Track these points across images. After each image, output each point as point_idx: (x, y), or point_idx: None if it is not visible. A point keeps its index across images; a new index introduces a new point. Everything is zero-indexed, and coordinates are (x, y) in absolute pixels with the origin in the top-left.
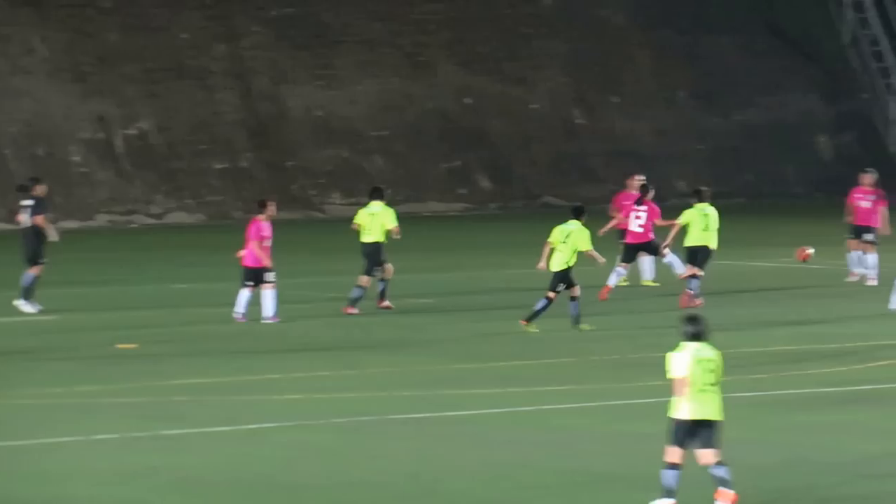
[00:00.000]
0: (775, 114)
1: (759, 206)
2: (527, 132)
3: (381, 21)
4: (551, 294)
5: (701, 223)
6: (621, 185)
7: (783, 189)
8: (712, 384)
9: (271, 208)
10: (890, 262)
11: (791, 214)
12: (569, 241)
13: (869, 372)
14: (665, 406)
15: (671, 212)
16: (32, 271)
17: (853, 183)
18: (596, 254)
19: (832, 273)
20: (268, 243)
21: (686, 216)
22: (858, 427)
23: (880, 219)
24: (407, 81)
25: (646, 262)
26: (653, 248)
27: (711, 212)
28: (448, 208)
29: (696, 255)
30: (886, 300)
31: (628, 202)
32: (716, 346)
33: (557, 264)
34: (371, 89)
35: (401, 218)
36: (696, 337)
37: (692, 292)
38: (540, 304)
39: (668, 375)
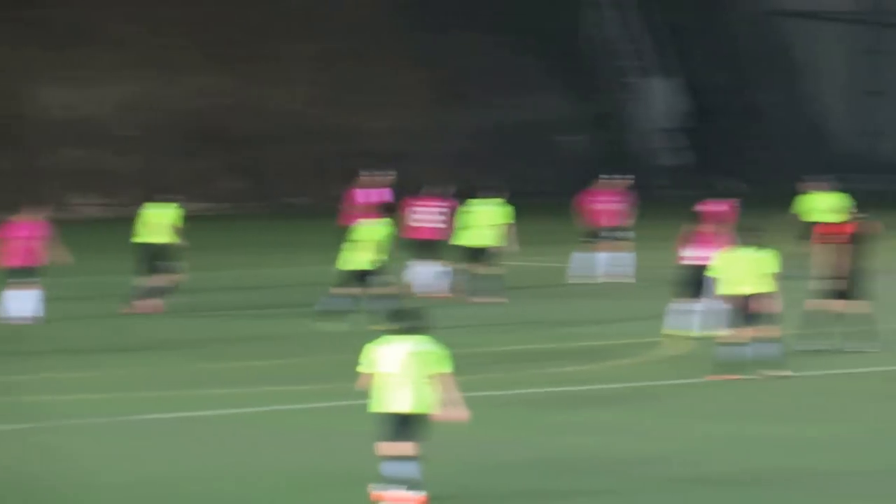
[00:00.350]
0: (521, 113)
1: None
2: (276, 132)
3: (130, 22)
4: (355, 290)
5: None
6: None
7: (529, 188)
8: (424, 377)
9: (29, 208)
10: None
11: (537, 213)
12: (377, 239)
13: (611, 371)
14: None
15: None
16: None
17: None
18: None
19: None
20: (31, 243)
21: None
22: (600, 426)
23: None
24: (156, 82)
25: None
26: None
27: (500, 210)
28: (197, 208)
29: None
30: (637, 297)
31: (367, 199)
32: (436, 341)
33: (360, 263)
34: (120, 90)
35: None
36: (409, 331)
37: (449, 287)
38: (339, 302)
39: (361, 368)
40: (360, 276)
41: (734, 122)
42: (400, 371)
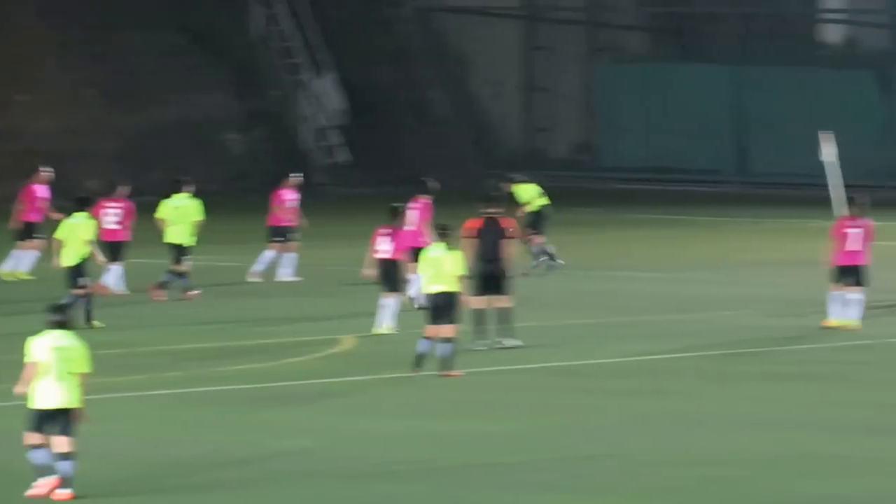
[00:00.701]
0: (186, 111)
1: None
2: None
3: None
4: (79, 290)
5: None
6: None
7: (196, 186)
8: (70, 372)
9: None
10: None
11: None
12: (78, 234)
13: (284, 369)
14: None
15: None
16: None
17: (267, 179)
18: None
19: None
20: None
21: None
22: (261, 423)
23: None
24: None
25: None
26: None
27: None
28: None
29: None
30: (306, 295)
31: (38, 196)
32: (78, 336)
33: (70, 259)
34: None
35: None
36: (59, 325)
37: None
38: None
39: (26, 359)
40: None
41: (398, 119)
42: (47, 365)
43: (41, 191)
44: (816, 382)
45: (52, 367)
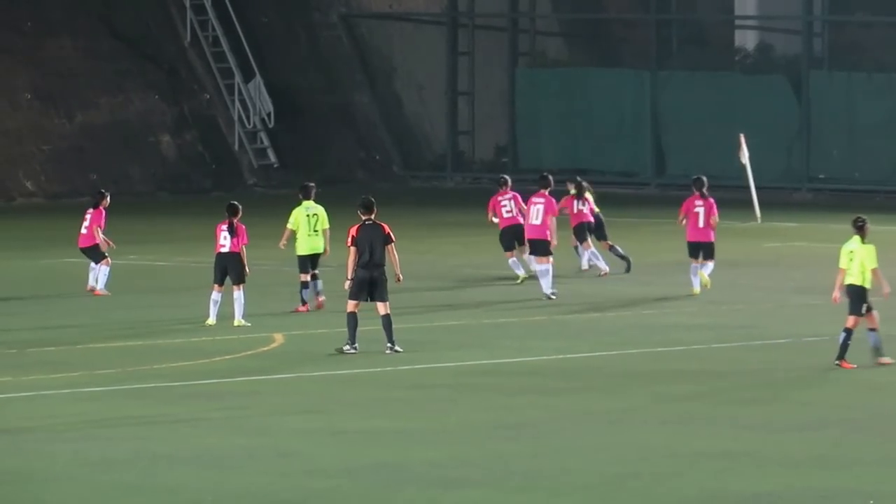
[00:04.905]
0: (118, 114)
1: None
2: None
3: None
4: None
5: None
6: None
7: (127, 188)
8: None
9: None
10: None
11: (136, 213)
12: None
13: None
14: None
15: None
16: None
17: (196, 181)
18: None
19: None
20: None
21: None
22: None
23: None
24: None
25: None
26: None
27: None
28: None
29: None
30: None
31: None
32: None
33: None
34: None
35: None
36: None
37: None
38: None
39: None
40: None
41: (323, 121)
42: None
43: None
44: (728, 379)
45: None
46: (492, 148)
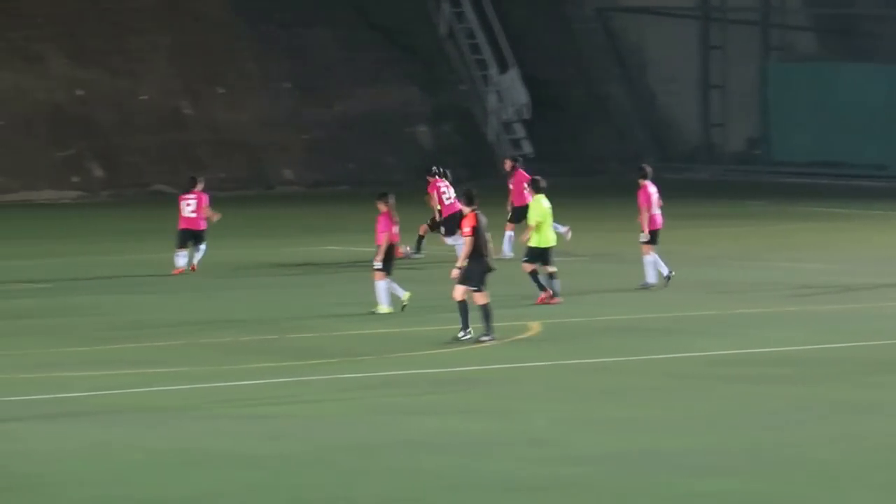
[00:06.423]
0: (375, 105)
1: (362, 194)
2: (135, 122)
3: None
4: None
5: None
6: (227, 172)
7: (385, 177)
8: None
9: None
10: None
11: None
12: None
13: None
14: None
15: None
16: None
17: (452, 171)
18: None
19: None
20: None
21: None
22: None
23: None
24: (18, 74)
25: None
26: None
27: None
28: (61, 196)
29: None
30: None
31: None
32: None
33: None
34: None
35: (15, 206)
36: None
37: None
38: None
39: None
40: None
41: (578, 114)
42: None
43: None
44: None
45: None
46: (743, 140)
